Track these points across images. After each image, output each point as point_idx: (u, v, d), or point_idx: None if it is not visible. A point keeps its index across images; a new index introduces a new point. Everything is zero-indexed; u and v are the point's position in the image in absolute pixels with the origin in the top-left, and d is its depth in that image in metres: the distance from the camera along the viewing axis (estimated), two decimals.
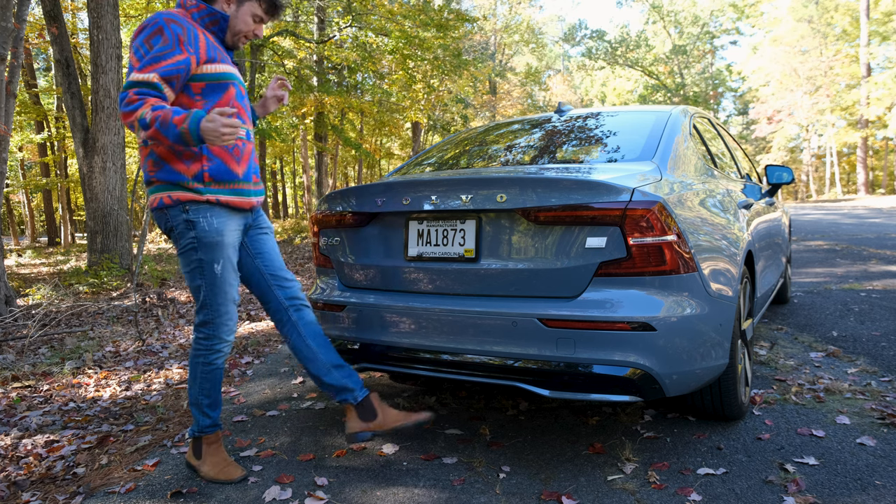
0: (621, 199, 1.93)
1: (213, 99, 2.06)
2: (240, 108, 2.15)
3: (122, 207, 8.20)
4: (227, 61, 2.13)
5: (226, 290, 2.10)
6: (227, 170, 2.07)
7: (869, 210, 17.49)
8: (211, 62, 2.05)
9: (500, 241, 2.12)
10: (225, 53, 2.14)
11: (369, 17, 14.50)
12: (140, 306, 5.84)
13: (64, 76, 8.47)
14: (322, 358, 2.24)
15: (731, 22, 41.09)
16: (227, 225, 2.09)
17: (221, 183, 2.06)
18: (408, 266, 2.31)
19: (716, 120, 3.76)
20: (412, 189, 2.28)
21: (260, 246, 2.27)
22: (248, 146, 2.17)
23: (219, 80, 2.07)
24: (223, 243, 2.07)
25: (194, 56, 2.00)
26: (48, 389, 3.32)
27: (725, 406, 2.34)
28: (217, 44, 2.12)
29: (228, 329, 2.14)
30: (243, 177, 2.13)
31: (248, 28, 2.18)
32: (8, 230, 27.74)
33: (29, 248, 19.29)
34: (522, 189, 2.05)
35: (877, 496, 1.84)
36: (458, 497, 1.95)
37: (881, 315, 4.19)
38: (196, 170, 2.03)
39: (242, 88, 2.20)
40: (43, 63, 23.85)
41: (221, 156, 2.06)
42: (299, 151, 24.89)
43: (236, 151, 2.10)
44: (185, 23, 2.02)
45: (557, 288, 2.01)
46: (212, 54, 2.05)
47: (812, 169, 35.62)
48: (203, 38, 2.05)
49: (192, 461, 2.22)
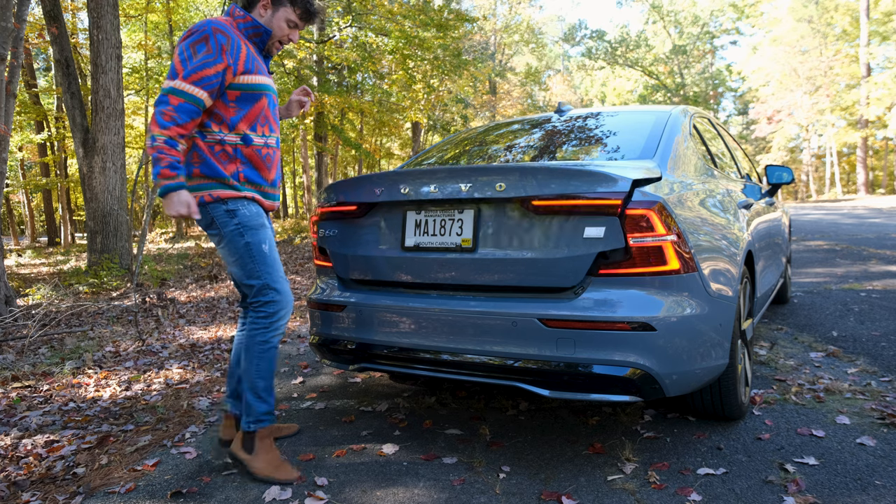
0: (619, 188, 1.93)
1: (246, 108, 2.18)
2: (271, 118, 2.27)
3: (122, 207, 8.20)
4: (264, 72, 2.24)
5: (278, 267, 2.23)
6: (257, 175, 2.23)
7: (869, 210, 17.49)
8: (248, 73, 2.16)
9: (497, 231, 2.12)
10: (263, 65, 2.26)
11: (369, 17, 14.50)
12: (140, 306, 5.84)
13: (64, 76, 8.47)
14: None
15: (731, 22, 41.09)
16: (262, 215, 2.25)
17: (255, 185, 2.23)
18: (404, 256, 2.30)
19: (716, 120, 3.76)
20: (412, 178, 2.28)
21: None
22: (276, 154, 2.31)
23: (253, 90, 2.18)
24: (265, 225, 2.23)
25: (232, 67, 2.11)
26: (48, 389, 3.32)
27: (725, 406, 2.34)
28: (257, 54, 2.23)
29: (286, 308, 2.22)
30: (270, 183, 2.29)
31: (283, 33, 2.28)
32: (8, 230, 27.75)
33: (29, 248, 19.29)
34: (522, 177, 2.05)
35: (877, 496, 1.84)
36: (458, 497, 1.95)
37: (881, 315, 4.19)
38: (233, 169, 2.18)
39: (275, 97, 2.31)
40: (43, 63, 23.84)
41: (253, 161, 2.22)
42: (299, 151, 24.89)
43: (268, 159, 2.25)
44: (231, 32, 2.13)
45: (554, 278, 2.00)
46: (250, 65, 2.16)
47: (812, 169, 35.63)
48: (245, 48, 2.16)
49: (241, 455, 2.18)
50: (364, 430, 2.55)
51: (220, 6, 13.61)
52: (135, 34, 17.38)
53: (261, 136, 2.23)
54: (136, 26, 17.43)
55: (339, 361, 2.54)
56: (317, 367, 3.60)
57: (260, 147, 2.23)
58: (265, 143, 2.25)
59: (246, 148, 2.20)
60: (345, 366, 2.52)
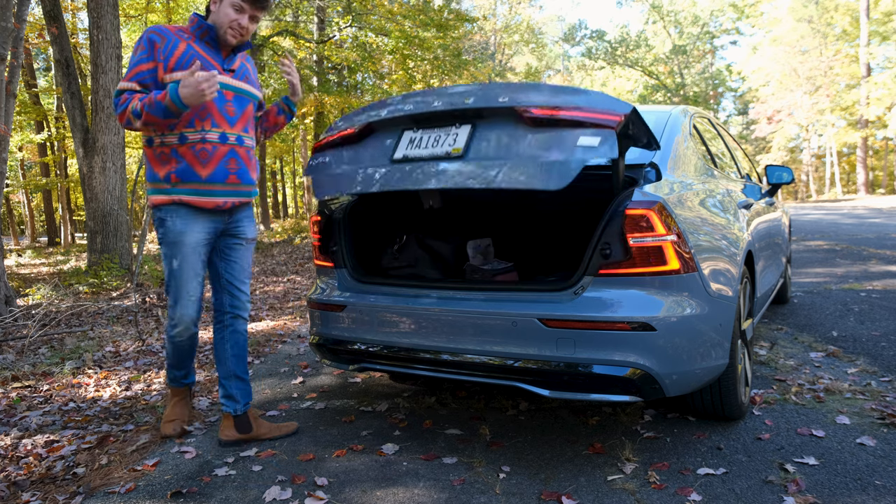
0: (619, 111, 1.86)
1: None
2: (215, 113, 2.29)
3: (122, 207, 8.19)
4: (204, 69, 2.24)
5: (180, 283, 2.35)
6: (191, 171, 2.28)
7: (869, 210, 17.49)
8: (179, 69, 2.23)
9: (490, 141, 2.04)
10: (210, 60, 2.31)
11: (369, 17, 14.50)
12: (140, 306, 5.84)
13: (64, 76, 8.47)
14: (230, 365, 2.48)
15: (731, 22, 41.06)
16: (191, 226, 2.32)
17: (186, 183, 2.28)
18: (392, 168, 2.19)
19: (716, 120, 3.76)
20: (416, 97, 2.25)
21: (229, 255, 2.49)
22: (218, 149, 2.31)
23: None
24: (183, 242, 2.31)
25: (163, 64, 2.23)
26: (48, 389, 3.32)
27: (725, 406, 2.34)
28: (207, 53, 2.31)
29: (180, 317, 2.39)
30: (207, 178, 2.30)
31: (228, 19, 2.30)
32: (8, 230, 27.73)
33: (29, 248, 19.29)
34: (526, 91, 2.01)
35: (877, 496, 1.84)
36: (458, 497, 1.95)
37: (881, 315, 4.19)
38: (166, 172, 2.28)
39: (227, 93, 2.33)
40: (43, 63, 23.83)
41: (188, 158, 2.27)
42: (299, 151, 24.88)
43: (203, 154, 2.28)
44: (168, 34, 2.26)
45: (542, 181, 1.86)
46: (183, 62, 2.24)
47: (812, 169, 35.62)
48: (183, 47, 2.26)
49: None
50: (364, 430, 2.55)
51: None
52: (135, 34, 17.36)
53: (198, 132, 2.27)
54: (136, 26, 17.42)
55: (338, 361, 2.54)
56: (317, 367, 3.60)
57: (195, 143, 2.27)
58: (202, 138, 2.28)
59: (181, 146, 2.27)
60: (345, 366, 2.52)
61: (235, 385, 2.48)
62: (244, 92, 2.41)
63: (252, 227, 2.55)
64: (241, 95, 2.39)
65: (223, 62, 2.36)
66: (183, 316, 2.39)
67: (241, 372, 2.50)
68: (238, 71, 2.40)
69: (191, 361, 2.62)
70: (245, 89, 2.41)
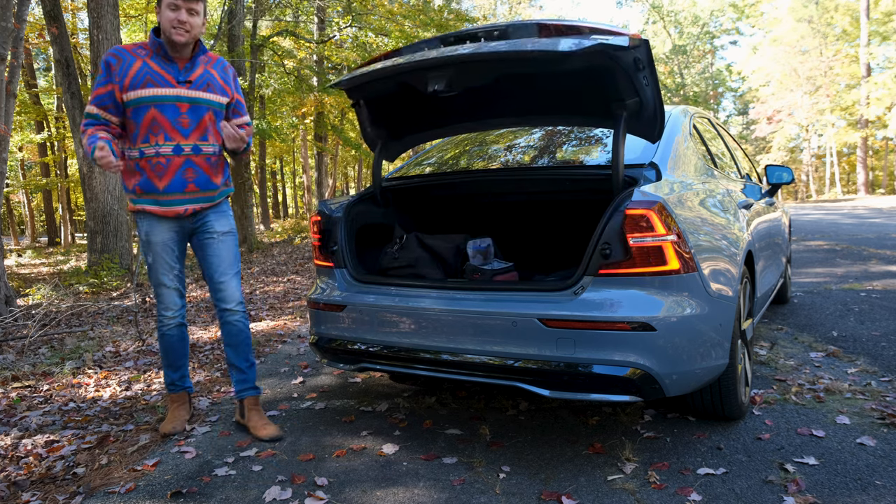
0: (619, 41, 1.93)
1: (138, 121, 2.41)
2: (167, 127, 2.41)
3: (122, 207, 8.19)
4: (156, 84, 2.38)
5: (156, 276, 2.56)
6: (150, 184, 2.44)
7: (869, 210, 17.49)
8: (133, 89, 2.37)
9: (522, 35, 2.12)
10: (164, 75, 2.40)
11: (369, 17, 14.49)
12: (140, 306, 5.84)
13: (64, 76, 8.46)
14: (227, 355, 2.65)
15: (731, 22, 41.08)
16: (156, 228, 2.51)
17: (147, 194, 2.46)
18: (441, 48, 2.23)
19: (716, 120, 3.76)
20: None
21: (203, 250, 2.59)
22: (174, 161, 2.43)
23: (139, 104, 2.39)
24: (151, 241, 2.52)
25: (118, 85, 2.38)
26: (48, 389, 3.32)
27: (725, 406, 2.34)
28: (161, 67, 2.41)
29: (164, 306, 2.59)
30: (165, 189, 2.44)
31: (168, 20, 2.36)
32: (8, 230, 27.73)
33: (29, 248, 19.29)
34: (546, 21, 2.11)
35: (877, 496, 1.84)
36: (458, 497, 1.95)
37: (881, 315, 4.19)
38: (132, 184, 2.47)
39: (181, 105, 2.42)
40: (43, 63, 23.83)
41: (146, 171, 2.44)
42: (299, 151, 24.88)
43: (158, 168, 2.43)
44: (125, 55, 2.39)
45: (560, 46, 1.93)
46: (137, 81, 2.37)
47: (812, 169, 35.60)
48: (137, 66, 2.38)
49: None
50: (364, 430, 2.55)
51: (220, 6, 13.61)
52: (135, 34, 17.37)
53: (152, 147, 2.41)
54: (136, 26, 17.41)
55: (338, 361, 2.54)
56: (317, 367, 3.60)
57: (151, 157, 2.42)
58: (156, 152, 2.42)
59: (141, 160, 2.43)
60: (345, 366, 2.52)
61: (233, 373, 2.65)
62: (200, 101, 2.46)
63: (223, 220, 2.60)
64: (196, 105, 2.45)
65: (178, 73, 2.43)
66: (166, 305, 2.58)
67: (236, 361, 2.62)
68: (197, 80, 2.46)
69: (184, 361, 2.68)
70: (202, 97, 2.46)
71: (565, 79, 2.29)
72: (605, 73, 2.12)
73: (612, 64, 2.06)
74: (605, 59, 2.03)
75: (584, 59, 2.01)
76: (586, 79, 2.23)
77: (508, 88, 2.50)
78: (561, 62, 2.07)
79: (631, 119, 2.24)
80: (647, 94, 2.15)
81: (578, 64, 2.06)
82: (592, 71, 2.13)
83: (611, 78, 2.13)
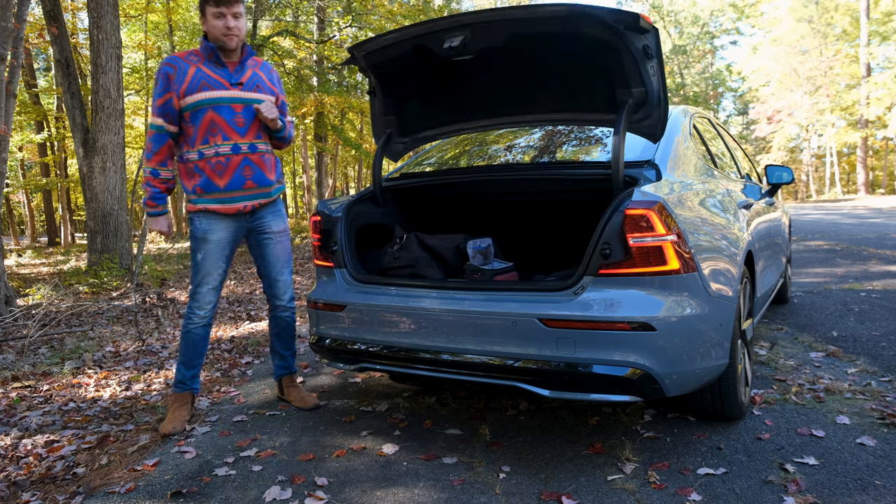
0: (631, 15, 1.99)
1: (196, 124, 2.53)
2: (225, 127, 2.53)
3: (122, 207, 8.19)
4: (211, 87, 2.51)
5: (201, 275, 2.64)
6: (211, 183, 2.56)
7: (869, 210, 17.49)
8: (190, 94, 2.50)
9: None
10: (213, 79, 2.52)
11: (369, 17, 14.50)
12: (140, 306, 5.84)
13: (64, 76, 8.46)
14: (272, 342, 2.93)
15: (731, 22, 41.07)
16: (215, 226, 2.62)
17: (209, 193, 2.57)
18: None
19: (716, 120, 3.75)
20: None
21: (260, 249, 2.77)
22: (233, 160, 2.56)
23: (196, 107, 2.51)
24: (208, 240, 2.62)
25: (174, 93, 2.51)
26: (48, 389, 3.32)
27: (725, 406, 2.34)
28: (214, 72, 2.53)
29: (199, 305, 2.66)
30: (226, 187, 2.57)
31: (217, 29, 2.50)
32: (8, 230, 27.73)
33: (29, 248, 19.29)
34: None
35: (877, 496, 1.84)
36: (458, 497, 1.95)
37: (881, 315, 4.19)
38: (192, 185, 2.59)
39: (235, 106, 2.55)
40: (43, 63, 23.81)
41: (206, 172, 2.56)
42: (299, 151, 24.87)
43: (219, 167, 2.55)
44: (179, 62, 2.52)
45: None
46: (192, 86, 2.50)
47: (812, 169, 35.60)
48: (192, 72, 2.51)
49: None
50: (364, 430, 2.55)
51: None
52: (135, 34, 17.37)
53: (211, 147, 2.54)
54: (136, 26, 17.42)
55: (338, 361, 2.54)
56: (317, 367, 3.60)
57: (210, 158, 2.55)
58: (215, 152, 2.55)
59: (200, 161, 2.56)
60: (345, 366, 2.52)
61: (274, 359, 2.94)
62: (253, 101, 2.59)
63: (279, 220, 2.78)
64: (249, 105, 2.58)
65: (230, 76, 2.57)
66: (201, 304, 2.66)
67: (280, 349, 2.91)
68: (248, 82, 2.60)
69: (199, 361, 2.74)
70: (254, 98, 2.59)
71: (574, 59, 2.31)
72: (614, 54, 2.14)
73: (622, 44, 2.08)
74: (614, 35, 2.06)
75: (593, 26, 2.05)
76: (595, 58, 2.23)
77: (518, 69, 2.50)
78: (572, 22, 2.10)
79: (634, 111, 2.24)
80: (654, 85, 2.16)
81: (588, 29, 2.09)
82: (601, 47, 2.15)
83: (618, 61, 2.15)
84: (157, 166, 2.59)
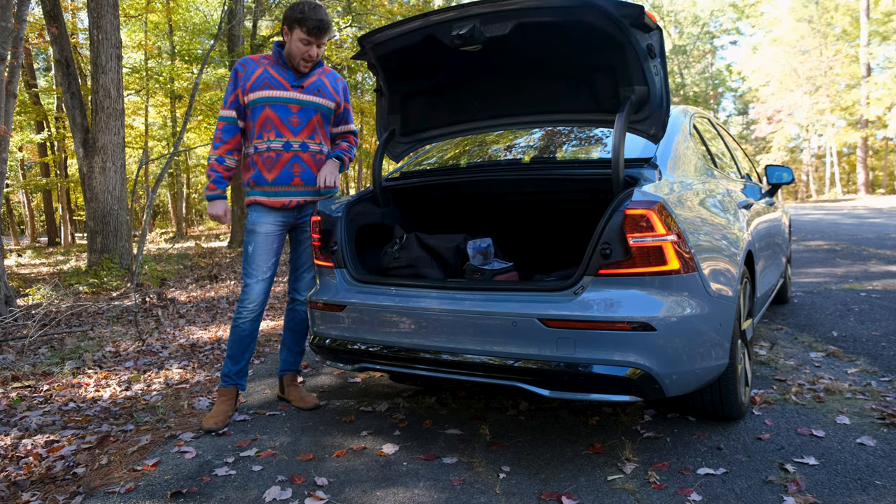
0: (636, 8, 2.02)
1: (254, 119, 2.70)
2: (279, 124, 2.68)
3: (122, 207, 8.19)
4: (272, 87, 2.66)
5: (252, 266, 2.73)
6: (261, 176, 2.71)
7: (869, 210, 17.49)
8: (253, 91, 2.67)
9: None
10: (277, 80, 2.68)
11: (369, 18, 14.49)
12: (140, 306, 5.84)
13: (64, 76, 8.47)
14: (284, 335, 2.97)
15: (731, 22, 41.09)
16: (263, 219, 2.74)
17: (258, 186, 2.72)
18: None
19: (716, 120, 3.76)
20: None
21: (298, 246, 2.92)
22: (283, 156, 2.70)
23: (255, 104, 2.68)
24: (256, 231, 2.73)
25: (241, 89, 2.69)
26: (48, 389, 3.32)
27: (725, 406, 2.34)
28: (279, 74, 2.69)
29: (249, 298, 2.73)
30: (273, 181, 2.70)
31: (299, 52, 2.65)
32: (8, 230, 27.71)
33: (29, 248, 19.29)
34: None
35: (877, 496, 1.84)
36: (458, 497, 1.95)
37: (881, 315, 4.19)
38: (247, 177, 2.76)
39: (292, 106, 2.70)
40: (43, 63, 23.81)
41: (258, 165, 2.72)
42: None
43: (269, 161, 2.70)
44: (250, 63, 2.71)
45: None
46: (256, 84, 2.66)
47: (812, 169, 35.59)
48: (259, 72, 2.68)
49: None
50: (364, 430, 2.55)
51: (220, 6, 13.60)
52: (135, 34, 17.37)
53: (264, 142, 2.69)
54: (136, 26, 17.42)
55: (338, 361, 2.54)
56: (317, 367, 3.60)
57: (263, 151, 2.69)
58: (267, 147, 2.68)
59: (255, 155, 2.71)
60: (345, 366, 2.52)
61: (283, 352, 2.97)
62: (310, 104, 2.73)
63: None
64: (306, 107, 2.72)
65: (294, 79, 2.71)
66: (251, 297, 2.73)
67: (291, 344, 2.95)
68: (309, 86, 2.74)
69: (247, 357, 2.80)
70: (311, 101, 2.74)
71: (579, 56, 2.32)
72: (618, 51, 2.15)
73: (626, 41, 2.10)
74: (619, 30, 2.08)
75: (598, 17, 2.08)
76: (599, 55, 2.25)
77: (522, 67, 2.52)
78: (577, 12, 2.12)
79: (636, 110, 2.25)
80: (656, 84, 2.18)
81: (592, 20, 2.10)
82: (606, 43, 2.16)
83: (622, 58, 2.17)
84: (224, 154, 2.72)
